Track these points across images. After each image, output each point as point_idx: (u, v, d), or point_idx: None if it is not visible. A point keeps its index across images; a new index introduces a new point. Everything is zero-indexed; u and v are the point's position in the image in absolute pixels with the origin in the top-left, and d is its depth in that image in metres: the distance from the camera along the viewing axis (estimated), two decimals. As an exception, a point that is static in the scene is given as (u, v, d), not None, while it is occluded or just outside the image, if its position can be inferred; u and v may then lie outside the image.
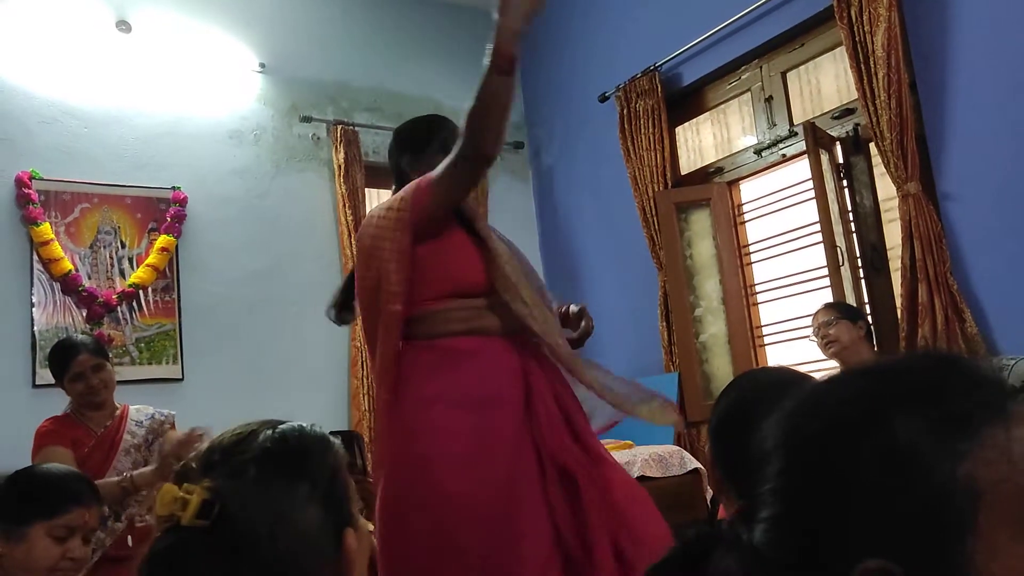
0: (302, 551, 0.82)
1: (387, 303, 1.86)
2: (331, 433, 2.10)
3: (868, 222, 3.63)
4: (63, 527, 1.65)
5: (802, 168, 3.72)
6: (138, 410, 2.87)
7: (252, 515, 0.80)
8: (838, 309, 3.22)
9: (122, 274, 3.96)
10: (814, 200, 3.50)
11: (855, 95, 3.42)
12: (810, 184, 3.54)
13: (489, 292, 1.91)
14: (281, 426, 0.90)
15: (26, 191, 3.76)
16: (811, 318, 3.29)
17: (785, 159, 3.96)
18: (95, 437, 2.74)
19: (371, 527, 2.01)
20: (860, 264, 3.58)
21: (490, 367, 1.86)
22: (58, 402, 2.85)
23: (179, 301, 4.07)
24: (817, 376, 0.93)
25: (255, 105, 4.47)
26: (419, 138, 2.13)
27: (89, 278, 3.87)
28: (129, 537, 2.62)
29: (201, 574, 0.78)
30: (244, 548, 0.79)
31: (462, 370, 1.85)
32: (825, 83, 3.84)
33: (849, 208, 3.63)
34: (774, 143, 3.98)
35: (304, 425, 0.92)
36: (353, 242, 4.46)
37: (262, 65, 4.48)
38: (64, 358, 2.75)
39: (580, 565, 1.72)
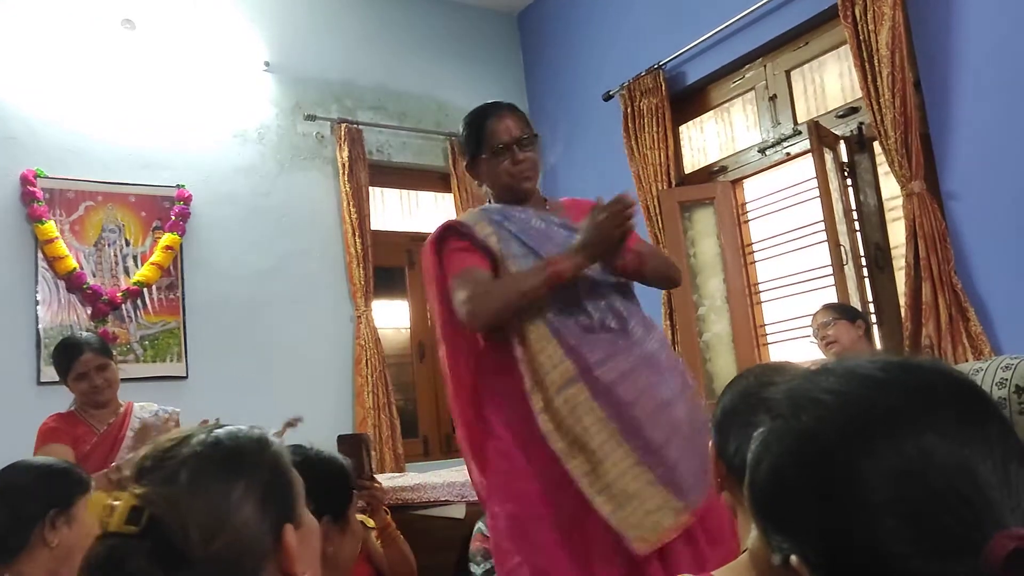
0: (238, 551, 0.83)
1: None
2: (339, 437, 2.09)
3: (872, 221, 3.62)
4: None
5: (806, 167, 3.71)
6: (142, 407, 2.88)
7: (183, 519, 0.81)
8: (837, 310, 3.22)
9: (126, 272, 3.97)
10: (818, 199, 3.49)
11: (859, 94, 3.41)
12: (814, 183, 3.54)
13: None
14: (218, 430, 0.91)
15: (31, 189, 3.77)
16: (811, 319, 3.29)
17: (789, 158, 3.95)
18: (98, 434, 2.75)
19: (364, 522, 2.02)
20: (864, 263, 3.57)
21: None
22: (63, 399, 2.86)
23: (183, 299, 4.08)
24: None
25: (259, 103, 4.48)
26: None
27: (94, 276, 3.88)
28: None
29: None
30: (176, 552, 0.80)
31: None
32: (829, 82, 3.84)
33: (853, 207, 3.63)
34: (778, 142, 3.98)
35: (243, 428, 0.92)
36: (357, 240, 4.47)
37: (267, 63, 4.49)
38: (68, 357, 2.76)
39: None
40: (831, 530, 0.59)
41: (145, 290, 3.98)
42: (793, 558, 0.61)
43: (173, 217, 4.09)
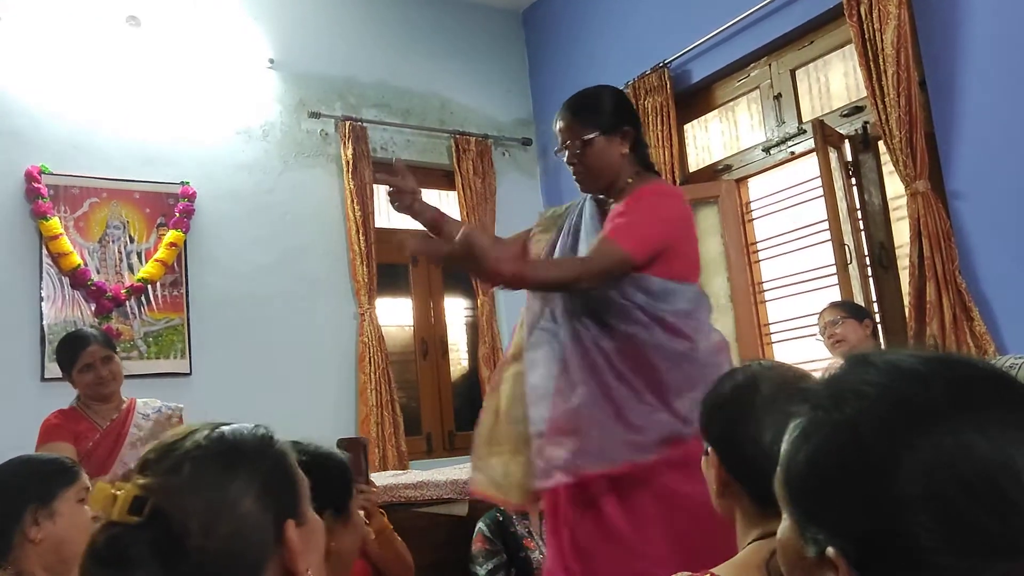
0: (238, 545, 0.84)
1: None
2: (339, 441, 2.11)
3: (876, 220, 3.62)
4: (83, 489, 1.69)
5: (811, 166, 3.71)
6: (145, 403, 2.88)
7: (185, 510, 0.82)
8: (844, 308, 3.21)
9: (131, 269, 3.98)
10: (822, 198, 3.49)
11: (864, 93, 3.41)
12: (818, 182, 3.53)
13: None
14: (223, 426, 0.92)
15: (35, 185, 3.78)
16: (817, 317, 3.29)
17: (794, 156, 3.95)
18: (100, 431, 2.75)
19: (363, 521, 2.03)
20: (868, 262, 3.57)
21: None
22: (66, 396, 2.86)
23: (187, 296, 4.08)
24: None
25: (264, 100, 4.48)
26: None
27: (98, 272, 3.89)
28: None
29: (136, 569, 0.80)
30: (177, 542, 0.81)
31: None
32: (834, 81, 3.83)
33: (857, 206, 3.62)
34: (783, 140, 3.97)
35: (248, 425, 0.94)
36: (361, 238, 4.47)
37: (271, 61, 4.49)
38: (74, 349, 2.77)
39: None
40: (868, 522, 0.59)
41: (149, 287, 3.99)
42: (829, 550, 0.60)
43: (177, 214, 4.09)
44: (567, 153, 2.05)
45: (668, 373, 1.86)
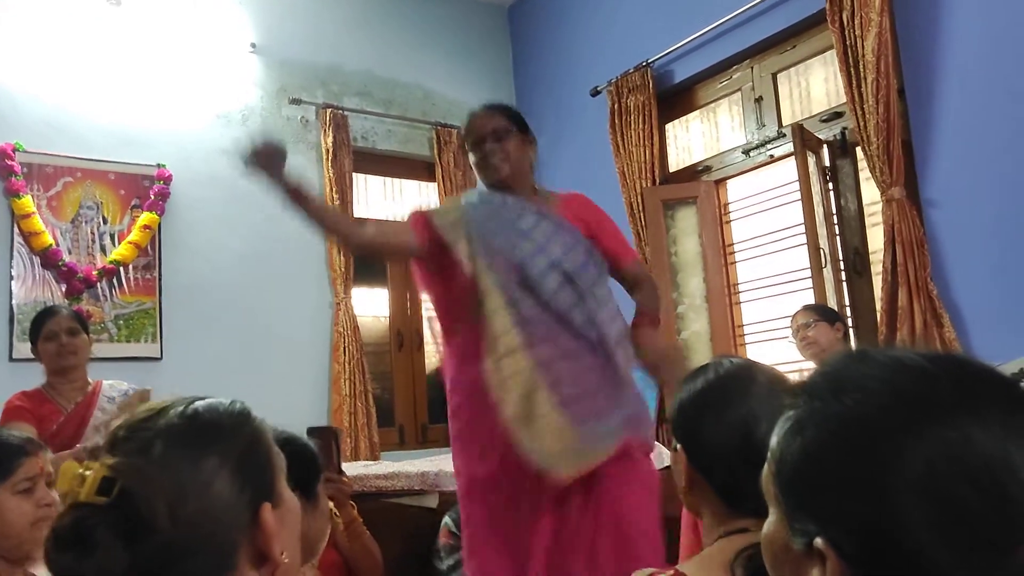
0: (208, 527, 0.82)
1: None
2: (309, 429, 2.10)
3: (852, 225, 3.65)
4: (24, 480, 1.64)
5: (789, 169, 3.73)
6: (111, 385, 2.85)
7: (153, 491, 0.80)
8: (817, 311, 3.24)
9: (103, 250, 3.93)
10: (799, 202, 3.51)
11: (844, 99, 3.43)
12: (796, 186, 3.56)
13: None
14: (197, 402, 0.89)
15: (8, 163, 3.72)
16: (790, 319, 3.31)
17: (772, 160, 3.97)
18: (65, 413, 2.72)
19: (330, 506, 2.04)
20: (842, 267, 3.60)
21: None
22: (35, 377, 2.83)
23: (160, 280, 4.04)
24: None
25: (244, 85, 4.44)
26: None
27: (69, 253, 3.84)
28: None
29: (101, 550, 0.78)
30: (143, 524, 0.79)
31: None
32: (815, 86, 3.86)
33: (834, 211, 3.65)
34: (762, 144, 4.00)
35: (225, 401, 0.91)
36: (338, 227, 4.44)
37: (253, 45, 4.45)
38: (41, 318, 2.80)
39: None
40: (864, 511, 0.59)
41: (121, 269, 3.94)
42: (818, 540, 0.60)
43: (152, 196, 4.05)
44: (490, 138, 2.21)
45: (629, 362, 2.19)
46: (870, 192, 3.52)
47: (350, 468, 3.07)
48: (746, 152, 4.09)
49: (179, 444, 0.84)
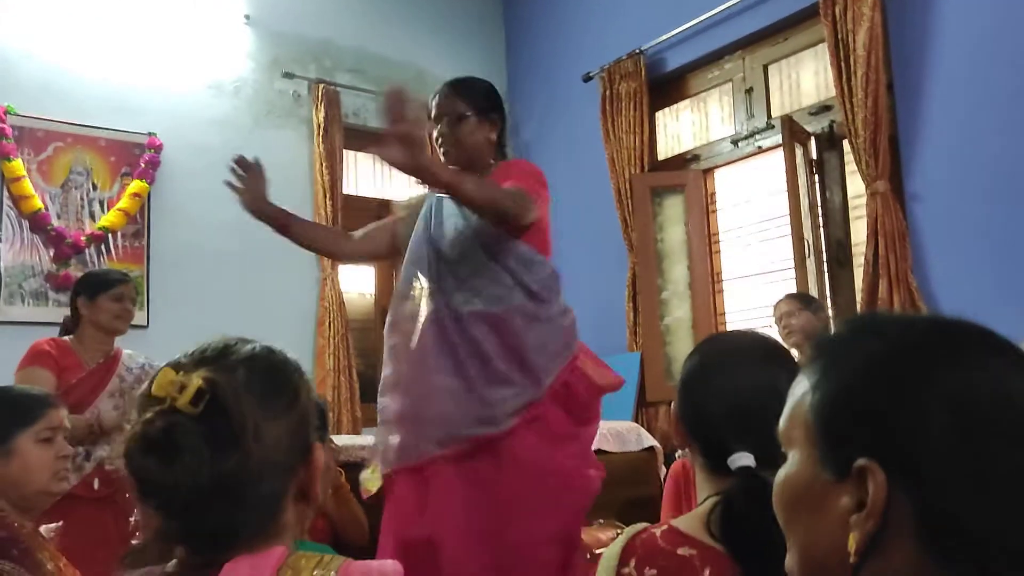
0: (279, 455, 0.88)
1: None
2: None
3: (836, 217, 3.71)
4: (46, 429, 1.68)
5: (776, 161, 3.79)
6: (130, 356, 2.89)
7: (244, 409, 0.85)
8: (799, 300, 3.29)
9: (92, 216, 3.92)
10: (785, 193, 3.57)
11: (833, 92, 3.49)
12: (783, 177, 3.61)
13: None
14: (259, 343, 0.96)
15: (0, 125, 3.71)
16: (772, 307, 3.37)
17: (760, 151, 4.02)
18: (86, 370, 2.74)
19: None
20: (825, 258, 3.66)
21: None
22: (22, 337, 2.84)
23: (148, 248, 4.04)
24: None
25: (237, 56, 4.43)
26: None
27: (58, 218, 3.83)
28: (96, 480, 2.63)
29: (189, 455, 0.82)
30: (230, 439, 0.84)
31: None
32: (805, 78, 3.91)
33: (819, 203, 3.71)
34: (751, 134, 4.05)
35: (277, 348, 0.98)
36: (328, 202, 4.45)
37: (247, 16, 4.44)
38: (114, 278, 2.85)
39: None
40: (891, 447, 0.60)
41: (110, 236, 3.94)
42: (861, 460, 0.60)
43: (143, 164, 4.04)
44: (444, 122, 2.14)
45: (525, 333, 1.98)
46: (855, 185, 3.58)
47: (335, 440, 3.10)
48: (735, 142, 4.14)
49: (258, 374, 0.90)
